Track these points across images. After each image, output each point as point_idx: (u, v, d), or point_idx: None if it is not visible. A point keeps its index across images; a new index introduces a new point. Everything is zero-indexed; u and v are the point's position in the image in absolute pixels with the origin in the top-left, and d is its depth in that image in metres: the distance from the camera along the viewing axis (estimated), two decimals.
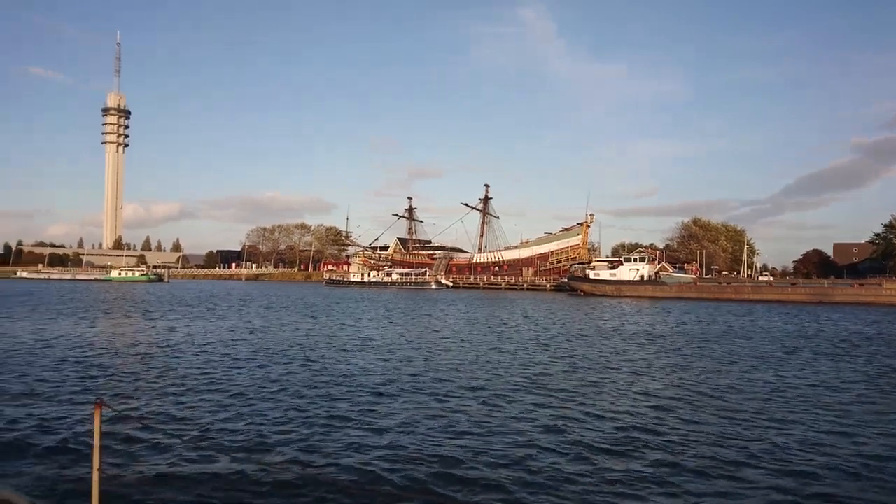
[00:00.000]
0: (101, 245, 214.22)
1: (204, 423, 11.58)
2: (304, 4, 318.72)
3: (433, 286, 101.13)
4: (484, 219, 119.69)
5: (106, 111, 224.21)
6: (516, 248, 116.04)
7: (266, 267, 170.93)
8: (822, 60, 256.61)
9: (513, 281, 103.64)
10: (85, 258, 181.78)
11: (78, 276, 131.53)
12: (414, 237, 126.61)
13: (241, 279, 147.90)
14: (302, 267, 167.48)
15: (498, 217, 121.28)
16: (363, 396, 14.23)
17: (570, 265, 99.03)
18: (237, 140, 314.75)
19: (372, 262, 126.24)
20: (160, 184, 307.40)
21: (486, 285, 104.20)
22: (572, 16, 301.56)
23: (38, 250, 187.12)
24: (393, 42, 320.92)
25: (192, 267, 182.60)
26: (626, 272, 79.95)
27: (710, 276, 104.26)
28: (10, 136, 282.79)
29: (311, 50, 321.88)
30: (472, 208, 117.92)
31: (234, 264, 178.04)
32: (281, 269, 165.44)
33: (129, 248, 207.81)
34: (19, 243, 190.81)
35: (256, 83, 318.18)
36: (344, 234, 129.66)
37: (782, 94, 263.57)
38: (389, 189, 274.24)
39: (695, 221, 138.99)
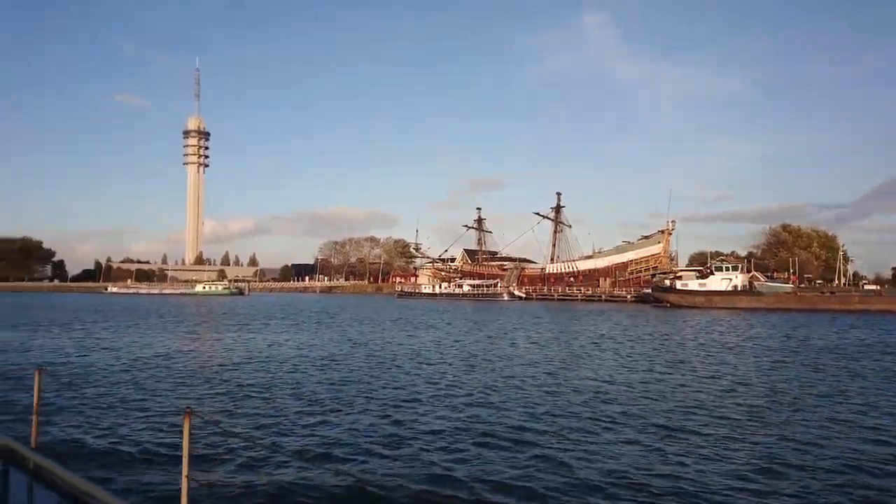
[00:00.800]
0: (183, 261, 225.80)
1: (291, 434, 11.68)
2: (359, 19, 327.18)
3: (505, 297, 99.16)
4: (556, 228, 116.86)
5: (187, 133, 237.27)
6: (591, 257, 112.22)
7: (338, 280, 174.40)
8: None
9: (589, 292, 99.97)
10: (170, 273, 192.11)
11: (165, 291, 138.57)
12: (483, 248, 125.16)
13: (315, 292, 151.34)
14: (371, 279, 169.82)
15: (570, 226, 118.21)
16: (499, 421, 12.87)
17: (652, 275, 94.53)
18: (306, 157, 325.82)
19: (442, 273, 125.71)
20: (236, 201, 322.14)
21: (561, 296, 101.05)
22: (637, 19, 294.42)
23: (125, 266, 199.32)
24: (454, 53, 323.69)
25: (268, 280, 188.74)
26: (717, 282, 75.03)
27: (803, 285, 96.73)
28: (100, 160, 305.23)
29: (372, 66, 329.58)
30: (544, 217, 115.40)
31: (307, 277, 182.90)
32: (352, 282, 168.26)
33: (209, 263, 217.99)
34: (108, 260, 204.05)
35: (322, 101, 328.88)
36: (413, 246, 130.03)
37: (861, 92, 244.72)
38: (452, 201, 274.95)
39: (784, 227, 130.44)
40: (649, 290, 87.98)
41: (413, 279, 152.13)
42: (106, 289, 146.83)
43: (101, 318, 52.05)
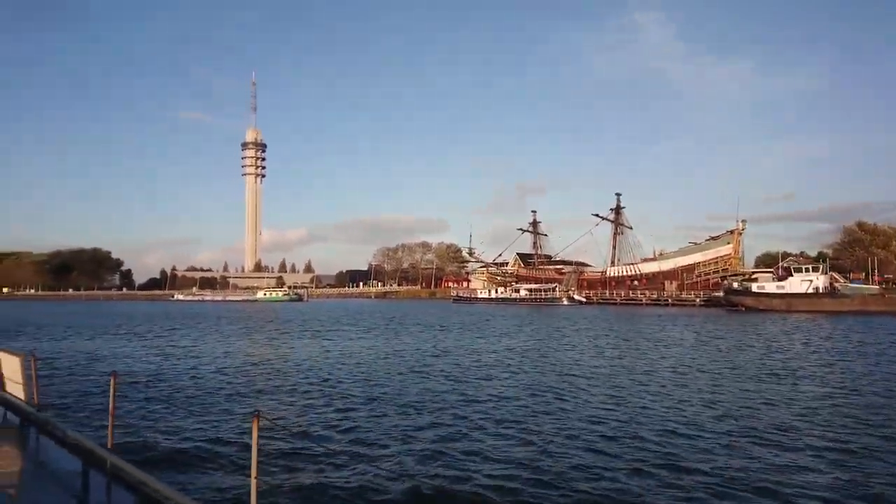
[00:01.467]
0: (243, 268, 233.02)
1: (361, 440, 11.67)
2: (402, 22, 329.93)
3: (565, 302, 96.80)
4: (616, 230, 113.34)
5: (245, 145, 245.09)
6: (654, 259, 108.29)
7: (391, 285, 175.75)
8: None
9: (654, 296, 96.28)
10: (231, 281, 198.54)
11: (228, 298, 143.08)
12: (539, 252, 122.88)
13: (370, 297, 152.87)
14: (424, 284, 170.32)
15: (631, 227, 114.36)
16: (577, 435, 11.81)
17: (722, 277, 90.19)
18: (358, 165, 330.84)
19: (498, 278, 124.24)
20: (291, 210, 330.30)
21: (624, 300, 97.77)
22: (691, 16, 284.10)
23: (189, 275, 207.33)
24: (500, 54, 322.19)
25: (324, 286, 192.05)
26: (797, 284, 70.60)
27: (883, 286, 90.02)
28: (166, 173, 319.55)
29: (417, 70, 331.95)
30: (603, 219, 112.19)
31: (361, 283, 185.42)
32: (406, 287, 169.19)
33: (267, 271, 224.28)
34: (174, 269, 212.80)
35: (369, 110, 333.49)
36: (467, 250, 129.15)
37: None
38: (500, 205, 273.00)
39: (860, 225, 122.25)
40: (720, 294, 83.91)
41: (466, 284, 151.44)
42: (172, 296, 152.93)
43: (174, 324, 53.56)
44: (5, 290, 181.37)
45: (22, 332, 43.97)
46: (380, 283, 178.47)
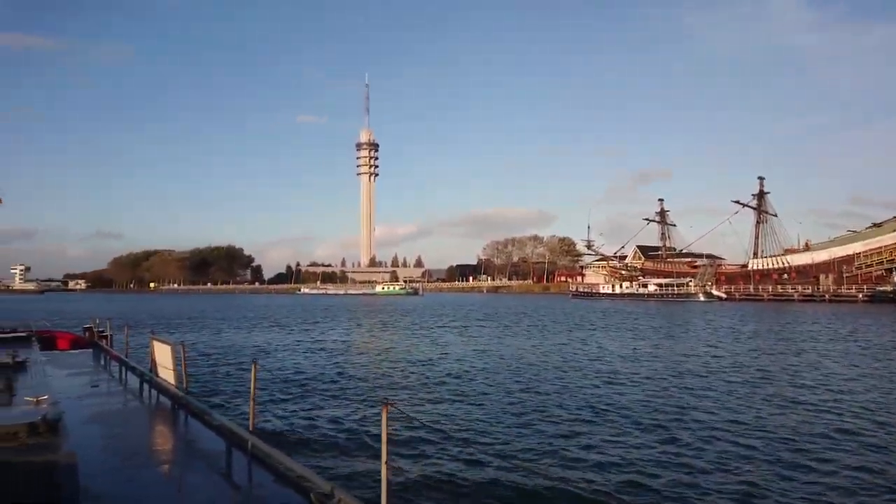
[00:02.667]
0: (359, 263, 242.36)
1: (489, 433, 11.74)
2: (512, 16, 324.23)
3: (701, 297, 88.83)
4: (759, 217, 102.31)
5: (359, 146, 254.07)
6: (804, 251, 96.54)
7: (501, 279, 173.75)
8: None
9: (808, 291, 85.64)
10: (349, 275, 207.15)
11: (349, 291, 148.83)
12: (668, 243, 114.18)
13: (482, 291, 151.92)
14: (535, 278, 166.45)
15: (775, 215, 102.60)
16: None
17: (888, 270, 78.39)
18: (463, 161, 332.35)
19: (622, 272, 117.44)
20: (401, 206, 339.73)
21: (772, 296, 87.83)
22: None
23: (311, 269, 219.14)
24: (611, 42, 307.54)
25: (434, 280, 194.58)
26: None
27: None
28: (288, 175, 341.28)
29: (525, 60, 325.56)
30: (744, 205, 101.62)
31: (470, 277, 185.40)
32: (517, 282, 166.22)
33: (380, 265, 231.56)
34: (297, 264, 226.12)
35: (472, 107, 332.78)
36: (585, 243, 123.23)
37: None
38: (613, 196, 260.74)
39: None
40: (889, 289, 72.76)
41: (580, 278, 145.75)
42: (299, 290, 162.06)
43: (312, 316, 55.23)
44: (152, 284, 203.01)
45: (174, 324, 47.46)
46: (489, 278, 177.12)
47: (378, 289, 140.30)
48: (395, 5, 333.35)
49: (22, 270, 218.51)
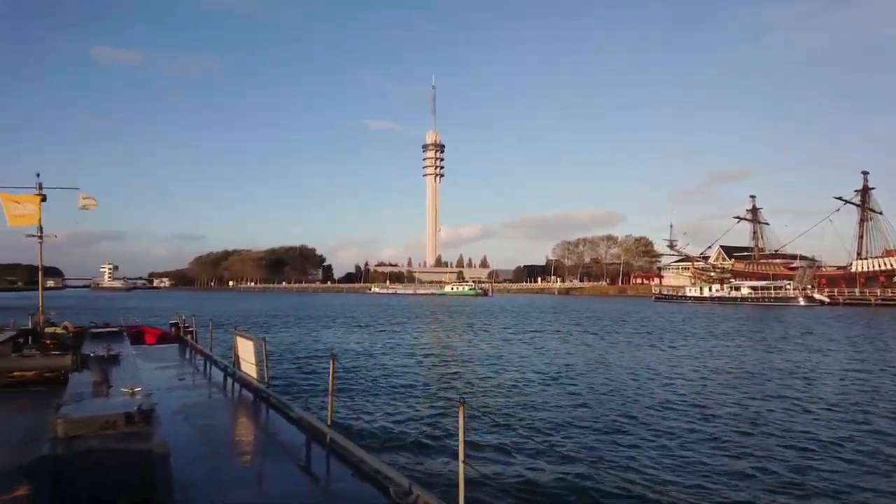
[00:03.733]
0: (424, 263, 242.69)
1: (569, 436, 11.61)
2: (572, 14, 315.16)
3: (801, 302, 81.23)
4: (863, 215, 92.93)
5: (425, 147, 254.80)
6: None
7: (571, 280, 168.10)
8: None
9: None
10: (416, 275, 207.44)
11: (418, 291, 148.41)
12: (761, 243, 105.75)
13: (553, 293, 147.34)
14: (608, 280, 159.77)
15: (881, 213, 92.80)
16: None
17: None
18: (527, 162, 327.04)
19: (710, 274, 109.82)
20: (465, 207, 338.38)
21: (882, 301, 78.98)
22: None
23: (379, 269, 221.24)
24: (684, 38, 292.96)
25: (501, 281, 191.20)
26: None
27: None
28: (356, 179, 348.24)
29: (596, 57, 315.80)
30: (847, 202, 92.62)
31: (539, 278, 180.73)
32: (590, 283, 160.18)
33: (446, 266, 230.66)
34: (366, 264, 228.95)
35: (535, 109, 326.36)
36: (667, 242, 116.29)
37: None
38: (688, 196, 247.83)
39: None
40: None
41: (657, 280, 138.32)
42: (370, 289, 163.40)
43: (381, 314, 54.17)
44: (231, 282, 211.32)
45: (256, 320, 48.30)
46: (559, 279, 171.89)
47: (447, 289, 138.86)
48: (460, 7, 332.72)
49: (111, 269, 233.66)
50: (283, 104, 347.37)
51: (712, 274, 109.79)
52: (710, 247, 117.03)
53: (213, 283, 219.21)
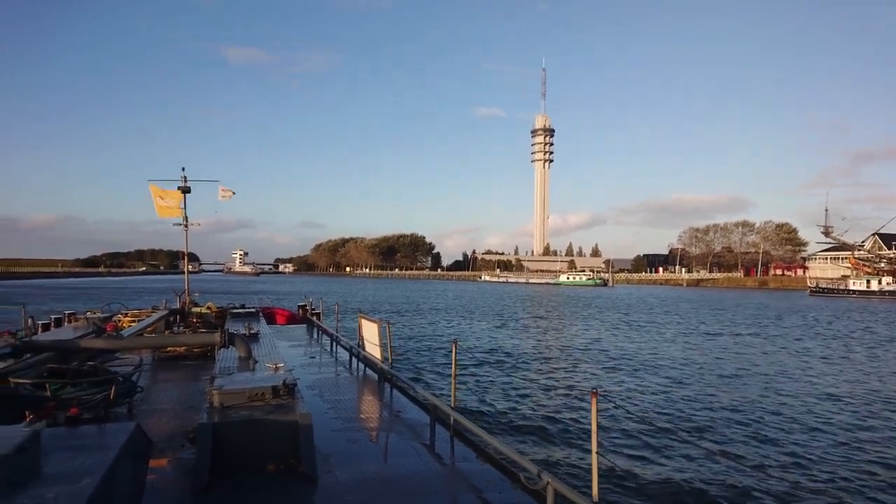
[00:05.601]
0: (531, 252, 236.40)
1: (706, 430, 11.22)
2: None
3: None
4: None
5: (534, 132, 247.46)
6: None
7: (698, 271, 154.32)
8: None
9: None
10: (525, 263, 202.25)
11: (531, 281, 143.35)
12: None
13: (680, 284, 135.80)
14: (742, 271, 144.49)
15: None
16: None
17: None
18: (639, 144, 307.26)
19: (881, 265, 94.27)
20: (574, 194, 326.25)
21: None
22: None
23: (487, 257, 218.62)
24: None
25: (617, 271, 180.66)
26: None
27: None
28: (461, 167, 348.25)
29: (700, 36, 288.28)
30: None
31: (660, 268, 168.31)
32: (722, 274, 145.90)
33: (554, 254, 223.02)
34: (473, 252, 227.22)
35: (650, 88, 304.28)
36: (823, 229, 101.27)
37: None
38: (826, 179, 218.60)
39: None
40: None
41: (801, 271, 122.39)
42: (480, 277, 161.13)
43: (498, 303, 50.80)
44: (348, 268, 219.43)
45: (376, 305, 49.30)
46: (684, 269, 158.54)
47: (562, 278, 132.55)
48: None
49: (242, 255, 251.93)
50: (393, 96, 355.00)
51: (882, 265, 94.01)
52: (873, 235, 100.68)
53: (331, 269, 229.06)
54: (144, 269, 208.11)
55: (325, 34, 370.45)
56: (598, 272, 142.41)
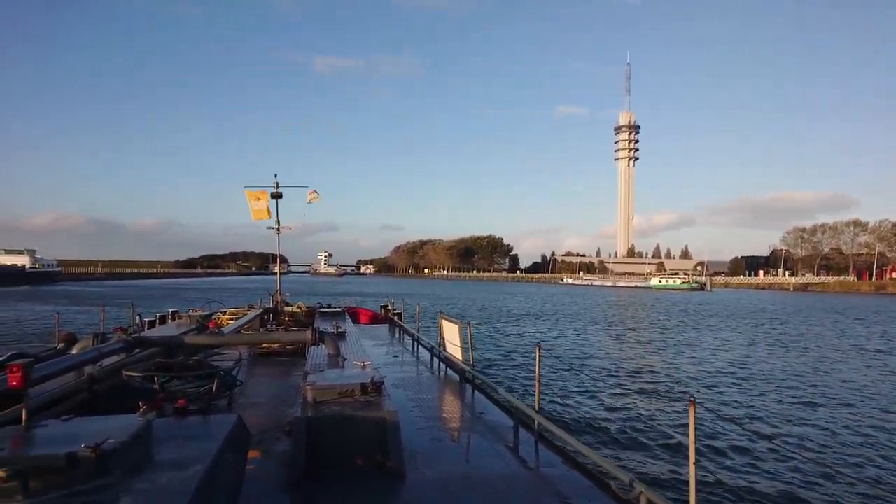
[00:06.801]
0: (615, 254, 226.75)
1: (808, 448, 10.67)
2: None
3: None
4: None
5: (618, 129, 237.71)
6: None
7: (803, 274, 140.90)
8: None
9: None
10: (609, 266, 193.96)
11: (618, 284, 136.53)
12: None
13: (786, 289, 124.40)
14: (854, 274, 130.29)
15: None
16: None
17: None
18: (733, 142, 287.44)
19: None
20: (660, 193, 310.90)
21: None
22: None
23: (567, 259, 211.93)
24: None
25: (711, 274, 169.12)
26: None
27: None
28: (539, 168, 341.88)
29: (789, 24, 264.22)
30: None
31: (760, 271, 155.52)
32: (836, 278, 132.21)
33: (640, 256, 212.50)
34: (552, 254, 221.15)
35: (740, 81, 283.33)
36: None
37: None
38: None
39: None
40: None
41: None
42: (562, 279, 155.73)
43: (588, 308, 49.55)
44: (426, 270, 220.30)
45: (458, 306, 49.09)
46: (788, 272, 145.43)
47: (654, 281, 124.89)
48: None
49: (326, 256, 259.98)
50: (471, 99, 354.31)
51: None
52: None
53: (410, 270, 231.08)
54: (235, 270, 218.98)
55: (403, 39, 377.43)
56: (692, 275, 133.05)
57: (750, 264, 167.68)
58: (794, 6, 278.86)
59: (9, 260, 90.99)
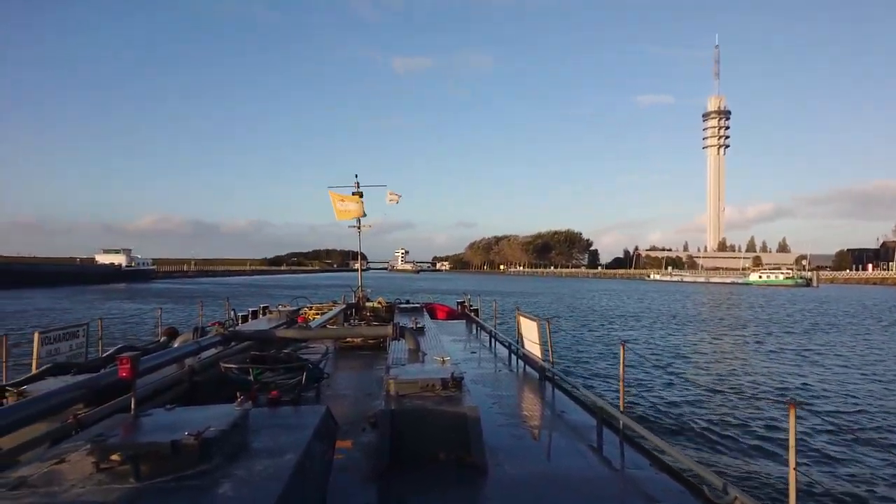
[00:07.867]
0: (704, 248, 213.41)
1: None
2: None
3: None
4: None
5: (706, 115, 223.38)
6: None
7: None
8: None
9: None
10: (699, 261, 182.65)
11: (712, 280, 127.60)
12: None
13: None
14: None
15: None
16: None
17: None
18: (834, 129, 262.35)
19: None
20: (753, 183, 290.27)
21: None
22: None
23: (652, 254, 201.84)
24: None
25: (815, 268, 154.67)
26: None
27: None
28: (619, 159, 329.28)
29: None
30: None
31: (869, 265, 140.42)
32: None
33: (732, 250, 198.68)
34: (636, 249, 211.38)
35: (841, 60, 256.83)
36: None
37: None
38: None
39: None
40: None
41: None
42: (648, 276, 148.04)
43: (683, 306, 46.30)
44: (501, 266, 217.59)
45: (538, 303, 48.19)
46: None
47: (752, 277, 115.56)
48: None
49: (403, 253, 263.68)
50: (552, 91, 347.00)
51: None
52: None
53: (485, 267, 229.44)
54: (318, 267, 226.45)
55: (481, 36, 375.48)
56: (795, 270, 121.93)
57: (857, 258, 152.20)
58: None
59: (107, 259, 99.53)
